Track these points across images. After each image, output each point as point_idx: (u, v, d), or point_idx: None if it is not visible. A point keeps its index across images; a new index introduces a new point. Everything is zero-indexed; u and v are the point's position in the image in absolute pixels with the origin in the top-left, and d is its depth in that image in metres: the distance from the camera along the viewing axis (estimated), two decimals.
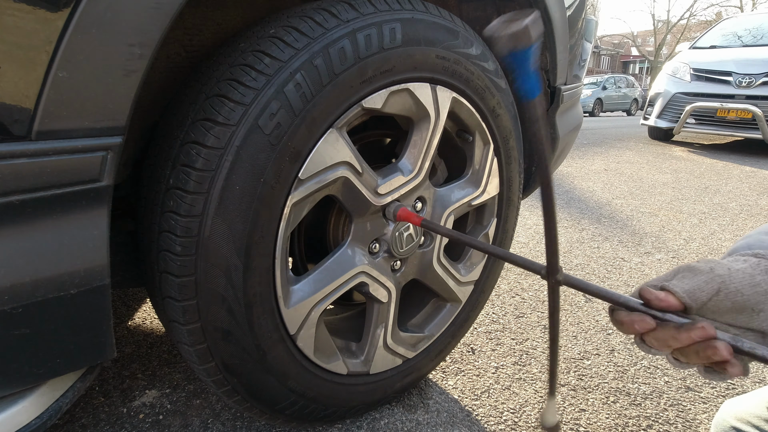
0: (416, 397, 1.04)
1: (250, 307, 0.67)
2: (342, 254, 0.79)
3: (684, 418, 1.03)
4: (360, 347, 0.89)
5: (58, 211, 0.48)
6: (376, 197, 0.78)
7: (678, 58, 5.54)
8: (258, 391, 0.74)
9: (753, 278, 0.46)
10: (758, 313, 0.46)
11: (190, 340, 0.66)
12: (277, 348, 0.72)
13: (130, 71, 0.49)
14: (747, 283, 0.46)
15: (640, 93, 18.54)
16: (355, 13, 0.69)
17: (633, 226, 2.43)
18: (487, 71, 0.89)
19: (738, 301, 0.45)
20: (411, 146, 0.83)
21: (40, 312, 0.49)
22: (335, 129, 0.69)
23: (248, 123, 0.60)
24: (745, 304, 0.45)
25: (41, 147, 0.45)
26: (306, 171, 0.67)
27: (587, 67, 1.34)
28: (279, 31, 0.65)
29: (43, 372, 0.53)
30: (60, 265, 0.50)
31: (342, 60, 0.66)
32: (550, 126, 1.15)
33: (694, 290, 0.46)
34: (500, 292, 1.62)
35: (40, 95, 0.44)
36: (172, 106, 0.70)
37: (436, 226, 0.74)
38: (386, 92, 0.74)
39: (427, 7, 0.79)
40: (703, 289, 0.45)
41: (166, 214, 0.62)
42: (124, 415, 0.95)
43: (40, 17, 0.42)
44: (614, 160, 4.53)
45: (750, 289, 0.46)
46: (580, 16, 1.11)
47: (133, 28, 0.48)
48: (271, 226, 0.66)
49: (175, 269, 0.62)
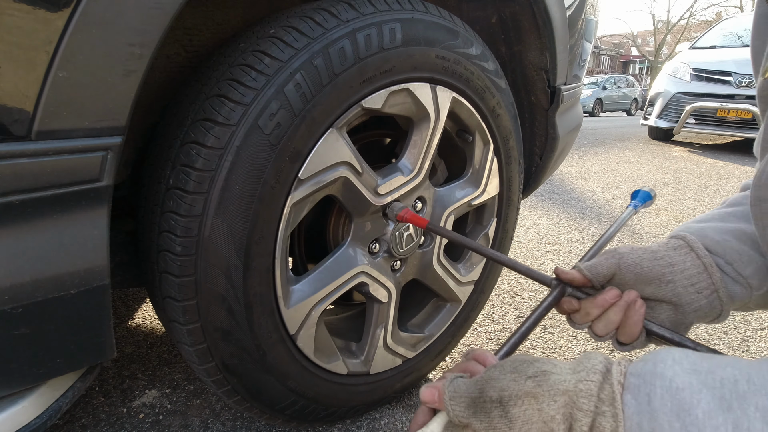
0: (416, 397, 1.04)
1: (250, 307, 0.67)
2: (342, 254, 0.79)
3: None
4: (360, 347, 0.89)
5: (58, 211, 0.48)
6: (376, 197, 0.78)
7: (678, 58, 5.54)
8: (258, 391, 0.74)
9: (656, 253, 0.55)
10: (666, 284, 0.53)
11: (190, 340, 0.66)
12: (277, 348, 0.72)
13: (130, 71, 0.49)
14: (647, 257, 0.54)
15: (640, 93, 18.55)
16: (355, 13, 0.69)
17: (633, 226, 2.43)
18: (486, 71, 0.89)
19: (639, 273, 0.53)
20: (411, 146, 0.83)
21: (41, 312, 0.49)
22: (335, 129, 0.69)
23: (248, 123, 0.60)
24: (648, 275, 0.53)
25: (41, 147, 0.45)
26: (306, 171, 0.67)
27: (587, 67, 1.34)
28: (279, 31, 0.65)
29: (43, 372, 0.53)
30: (60, 265, 0.50)
31: (342, 60, 0.66)
32: (550, 126, 1.15)
33: (595, 266, 0.55)
34: (500, 292, 1.62)
35: (40, 95, 0.44)
36: (172, 106, 0.70)
37: (440, 230, 0.75)
38: (386, 92, 0.74)
39: (427, 7, 0.79)
40: (603, 264, 0.55)
41: (166, 214, 0.62)
42: (124, 415, 0.95)
43: (40, 17, 0.42)
44: (614, 160, 4.53)
45: (650, 262, 0.53)
46: (580, 16, 1.11)
47: (133, 28, 0.48)
48: (271, 226, 0.66)
49: (175, 269, 0.62)
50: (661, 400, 0.32)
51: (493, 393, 0.38)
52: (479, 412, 0.38)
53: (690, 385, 0.32)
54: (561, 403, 0.35)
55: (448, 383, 0.41)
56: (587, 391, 0.34)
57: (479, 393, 0.38)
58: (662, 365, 0.34)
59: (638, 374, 0.35)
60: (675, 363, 0.34)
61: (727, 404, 0.30)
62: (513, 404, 0.36)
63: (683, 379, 0.33)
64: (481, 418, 0.37)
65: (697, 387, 0.32)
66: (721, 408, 0.30)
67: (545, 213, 2.64)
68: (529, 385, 0.37)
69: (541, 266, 1.86)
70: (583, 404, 0.34)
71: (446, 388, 0.40)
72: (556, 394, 0.35)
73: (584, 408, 0.34)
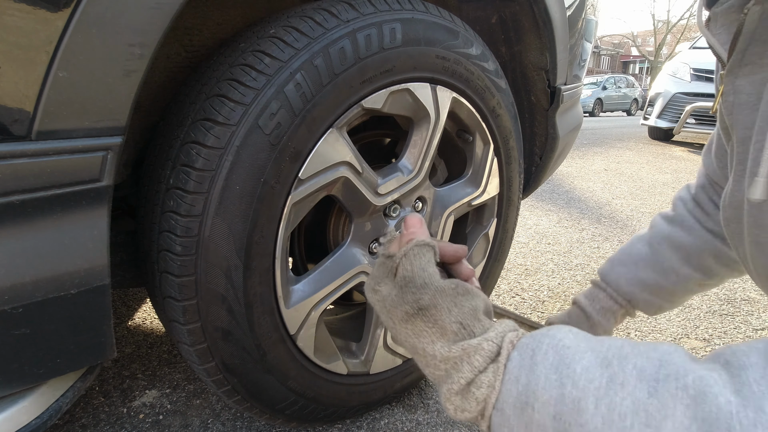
0: (416, 397, 1.04)
1: (250, 306, 0.67)
2: (342, 254, 0.79)
3: None
4: (360, 347, 0.88)
5: (59, 211, 0.48)
6: (376, 197, 0.78)
7: (678, 58, 5.54)
8: (258, 391, 0.74)
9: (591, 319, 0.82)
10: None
11: (190, 340, 0.66)
12: (277, 348, 0.72)
13: (130, 71, 0.49)
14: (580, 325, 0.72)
15: (640, 93, 18.55)
16: (356, 13, 0.69)
17: (633, 226, 2.43)
18: (486, 71, 0.89)
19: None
20: (411, 146, 0.83)
21: (41, 312, 0.49)
22: (335, 129, 0.69)
23: (248, 123, 0.60)
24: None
25: (41, 147, 0.45)
26: (306, 171, 0.67)
27: (587, 67, 1.34)
28: (279, 31, 0.65)
29: (44, 372, 0.53)
30: (60, 265, 0.50)
31: (342, 60, 0.66)
32: (550, 126, 1.15)
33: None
34: (500, 292, 1.62)
35: (40, 95, 0.44)
36: (172, 105, 0.70)
37: None
38: (386, 92, 0.74)
39: (427, 7, 0.79)
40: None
41: (166, 214, 0.62)
42: (124, 415, 0.95)
43: (40, 17, 0.42)
44: (614, 160, 4.53)
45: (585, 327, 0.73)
46: (580, 16, 1.11)
47: (133, 28, 0.48)
48: (271, 226, 0.66)
49: (175, 269, 0.62)
50: (544, 355, 0.32)
51: (425, 297, 0.38)
52: (405, 289, 0.39)
53: (577, 346, 0.32)
54: (456, 350, 0.35)
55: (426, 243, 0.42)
56: (486, 351, 0.35)
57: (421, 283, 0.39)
58: (556, 330, 0.35)
59: (531, 335, 0.35)
60: (570, 331, 0.35)
61: (608, 362, 0.30)
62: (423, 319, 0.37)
63: (572, 340, 0.33)
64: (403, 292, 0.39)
65: (584, 348, 0.32)
66: (600, 365, 0.30)
67: (545, 213, 2.64)
68: (451, 327, 0.37)
69: (541, 266, 1.86)
70: (475, 360, 0.34)
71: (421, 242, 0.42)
72: (459, 345, 0.36)
73: (475, 364, 0.34)
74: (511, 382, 0.32)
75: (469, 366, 0.34)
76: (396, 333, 0.40)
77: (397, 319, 0.39)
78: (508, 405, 0.32)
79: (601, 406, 0.28)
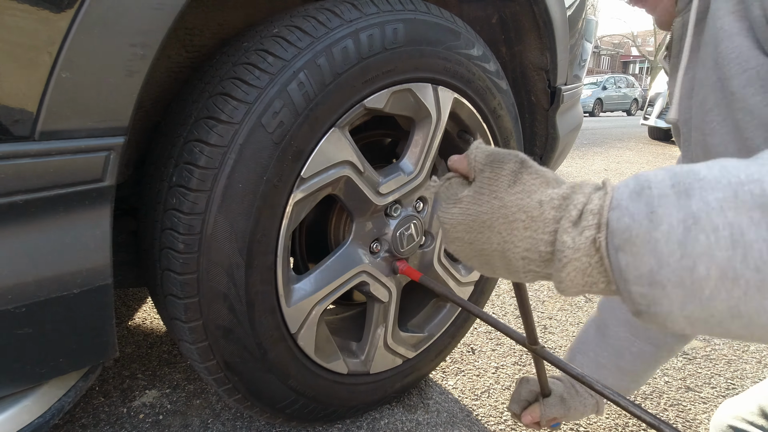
0: (416, 397, 1.04)
1: (251, 305, 0.67)
2: (343, 253, 0.79)
3: (684, 418, 1.03)
4: (360, 347, 0.89)
5: (61, 211, 0.48)
6: (377, 197, 0.78)
7: None
8: (258, 390, 0.74)
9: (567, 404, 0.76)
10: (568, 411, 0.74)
11: (191, 338, 0.66)
12: (278, 347, 0.73)
13: (133, 72, 0.49)
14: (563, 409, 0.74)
15: (640, 93, 18.54)
16: (358, 13, 0.69)
17: None
18: (488, 72, 0.89)
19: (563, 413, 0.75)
20: (412, 146, 0.83)
21: (43, 311, 0.50)
22: (337, 128, 0.69)
23: (251, 121, 0.61)
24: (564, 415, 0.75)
25: (44, 147, 0.45)
26: (308, 169, 0.67)
27: (587, 67, 1.35)
28: (282, 30, 0.65)
29: (46, 371, 0.53)
30: (63, 264, 0.50)
31: (345, 60, 0.66)
32: (550, 126, 1.15)
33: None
34: (500, 292, 1.62)
35: (43, 96, 0.44)
36: (174, 104, 0.70)
37: (434, 285, 0.78)
38: (388, 92, 0.74)
39: (429, 7, 0.79)
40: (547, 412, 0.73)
41: (169, 211, 0.62)
42: (124, 415, 0.95)
43: (43, 18, 0.43)
44: (614, 160, 4.54)
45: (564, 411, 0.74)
46: (580, 16, 1.11)
47: (135, 28, 0.48)
48: (273, 225, 0.66)
49: (178, 267, 0.62)
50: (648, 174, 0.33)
51: (519, 155, 0.40)
52: (496, 162, 0.39)
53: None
54: (566, 187, 0.36)
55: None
56: (592, 183, 0.36)
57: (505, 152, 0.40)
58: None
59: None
60: None
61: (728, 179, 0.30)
62: (528, 172, 0.38)
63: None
64: (493, 167, 0.39)
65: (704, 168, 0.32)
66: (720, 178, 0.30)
67: None
68: (551, 176, 0.38)
69: None
70: (585, 188, 0.35)
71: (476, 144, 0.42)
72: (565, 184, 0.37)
73: (585, 191, 0.35)
74: (622, 186, 0.33)
75: (581, 194, 0.35)
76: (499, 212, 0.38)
77: (504, 189, 0.38)
78: (624, 198, 0.32)
79: (714, 168, 0.30)
